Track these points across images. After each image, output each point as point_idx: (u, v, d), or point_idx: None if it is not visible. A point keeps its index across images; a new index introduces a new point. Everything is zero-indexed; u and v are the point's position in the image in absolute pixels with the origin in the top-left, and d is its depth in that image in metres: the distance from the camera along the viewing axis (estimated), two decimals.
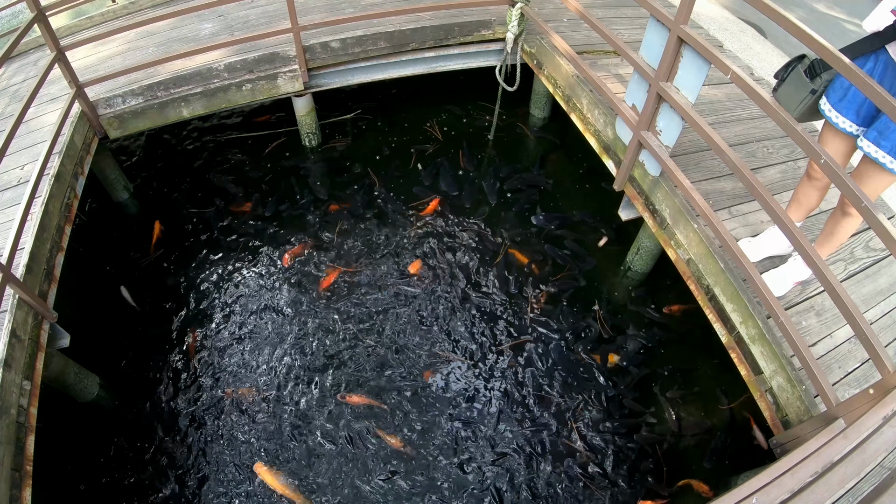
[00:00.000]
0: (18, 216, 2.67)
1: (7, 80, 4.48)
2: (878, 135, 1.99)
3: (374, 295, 3.76)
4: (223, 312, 3.73)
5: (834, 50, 1.82)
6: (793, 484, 1.61)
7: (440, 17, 4.48)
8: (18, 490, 2.29)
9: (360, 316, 3.66)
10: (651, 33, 2.67)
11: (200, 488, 2.96)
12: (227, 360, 3.48)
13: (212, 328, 3.65)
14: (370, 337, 3.54)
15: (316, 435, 3.11)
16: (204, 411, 3.25)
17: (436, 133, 5.00)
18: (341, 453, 3.04)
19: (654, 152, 2.89)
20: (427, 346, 3.51)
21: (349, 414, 3.19)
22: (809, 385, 2.29)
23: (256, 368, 3.42)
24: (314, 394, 3.29)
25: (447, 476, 2.96)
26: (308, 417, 3.19)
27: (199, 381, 3.39)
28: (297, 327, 3.62)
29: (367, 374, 3.37)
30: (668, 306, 3.65)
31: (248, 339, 3.58)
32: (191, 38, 4.50)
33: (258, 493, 2.92)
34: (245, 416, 3.21)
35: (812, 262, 2.08)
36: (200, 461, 3.06)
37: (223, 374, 3.41)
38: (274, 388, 3.32)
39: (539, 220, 4.26)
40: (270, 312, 3.71)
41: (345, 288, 3.82)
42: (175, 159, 4.86)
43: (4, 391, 2.35)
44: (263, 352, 3.50)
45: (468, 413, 3.21)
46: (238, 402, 3.27)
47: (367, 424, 3.14)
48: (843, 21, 6.19)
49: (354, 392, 3.26)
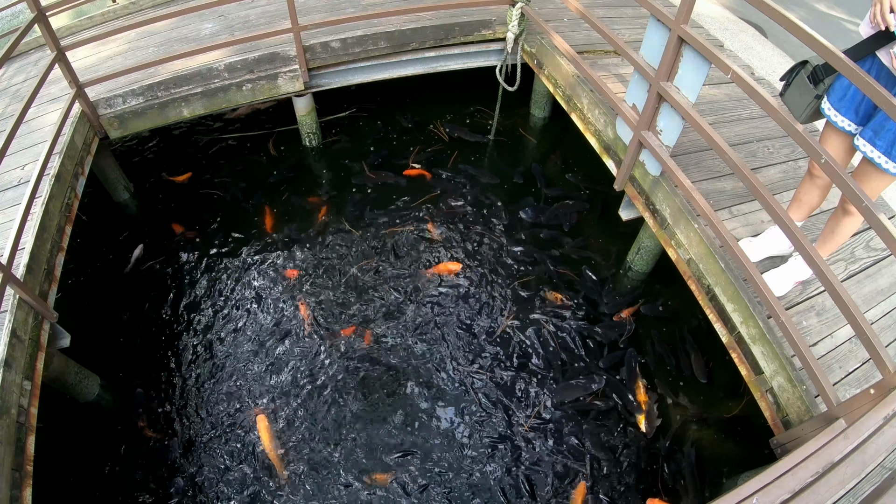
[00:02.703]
0: (19, 216, 2.67)
1: (7, 81, 4.49)
2: (874, 133, 1.99)
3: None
4: (224, 312, 3.73)
5: (834, 49, 1.82)
6: (793, 484, 1.61)
7: (440, 16, 4.48)
8: (19, 490, 2.29)
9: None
10: (651, 33, 2.67)
11: (200, 487, 2.96)
12: (227, 359, 3.48)
13: (212, 328, 3.65)
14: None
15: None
16: (204, 411, 3.25)
17: (441, 134, 5.01)
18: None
19: (654, 152, 2.89)
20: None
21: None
22: (810, 385, 2.28)
23: (258, 368, 3.42)
24: (320, 409, 3.28)
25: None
26: (316, 429, 3.20)
27: (200, 381, 3.39)
28: (299, 325, 3.62)
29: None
30: (617, 314, 3.65)
31: (249, 338, 3.58)
32: (191, 38, 4.51)
33: (258, 493, 2.93)
34: (246, 416, 3.22)
35: (813, 262, 2.07)
36: (200, 461, 3.06)
37: (224, 374, 3.41)
38: (276, 389, 3.33)
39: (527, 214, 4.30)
40: (271, 312, 3.71)
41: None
42: (175, 159, 4.86)
43: (5, 391, 2.35)
44: (265, 351, 3.50)
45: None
46: (241, 402, 3.27)
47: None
48: (844, 21, 6.19)
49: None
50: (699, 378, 3.29)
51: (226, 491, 2.94)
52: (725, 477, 2.89)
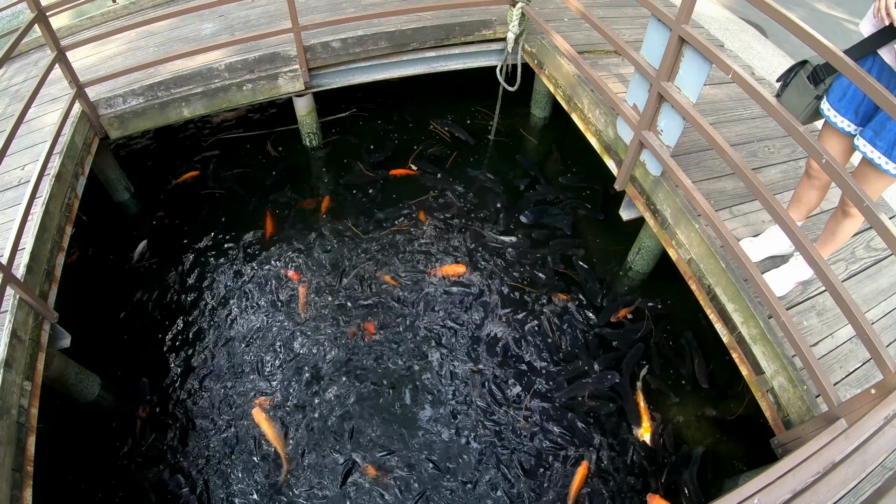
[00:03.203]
0: (19, 216, 2.67)
1: (8, 81, 4.49)
2: (874, 134, 1.99)
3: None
4: (224, 312, 3.73)
5: (834, 48, 1.82)
6: (794, 484, 1.61)
7: (441, 16, 4.48)
8: (19, 490, 2.29)
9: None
10: (652, 33, 2.67)
11: (201, 487, 2.96)
12: (227, 359, 3.48)
13: (212, 328, 3.64)
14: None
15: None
16: (205, 412, 3.25)
17: (441, 133, 5.01)
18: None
19: (655, 152, 2.89)
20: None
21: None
22: (811, 385, 2.28)
23: (261, 369, 3.42)
24: (328, 400, 3.29)
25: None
26: (320, 434, 3.20)
27: (200, 380, 3.39)
28: (301, 323, 3.62)
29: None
30: (615, 314, 3.64)
31: (249, 338, 3.58)
32: (191, 38, 4.51)
33: (259, 493, 2.93)
34: (247, 414, 3.22)
35: (813, 262, 2.07)
36: (200, 461, 3.05)
37: (225, 373, 3.41)
38: (279, 391, 3.32)
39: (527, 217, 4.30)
40: (271, 311, 3.71)
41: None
42: (175, 160, 4.86)
43: (5, 391, 2.35)
44: (267, 351, 3.50)
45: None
46: (242, 402, 3.27)
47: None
48: (844, 21, 6.19)
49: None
50: (701, 383, 3.28)
51: (226, 487, 2.94)
52: (726, 477, 2.89)
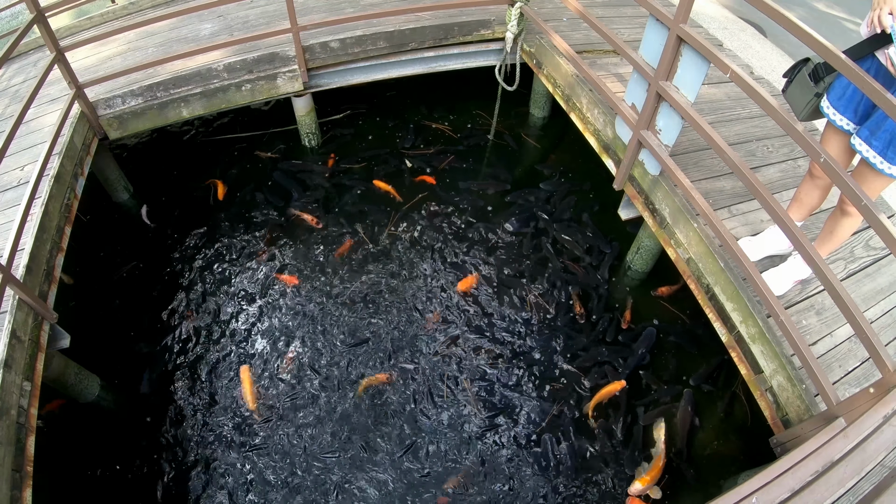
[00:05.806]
0: (18, 217, 2.67)
1: (7, 81, 4.49)
2: (870, 133, 1.99)
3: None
4: (225, 310, 3.73)
5: (832, 47, 1.82)
6: (793, 483, 1.61)
7: (440, 16, 4.48)
8: (19, 491, 2.29)
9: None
10: (650, 32, 2.67)
11: (200, 487, 2.96)
12: (228, 358, 3.48)
13: (213, 327, 3.65)
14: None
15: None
16: (206, 411, 3.25)
17: (444, 130, 5.02)
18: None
19: (653, 151, 2.89)
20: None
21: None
22: (810, 384, 2.29)
23: (262, 368, 3.43)
24: (332, 399, 3.29)
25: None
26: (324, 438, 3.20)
27: (200, 380, 3.39)
28: (301, 321, 3.62)
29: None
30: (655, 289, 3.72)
31: (249, 338, 3.58)
32: (190, 39, 4.51)
33: (261, 493, 2.93)
34: (247, 416, 3.22)
35: (812, 261, 2.08)
36: (200, 461, 3.06)
37: (225, 373, 3.41)
38: (281, 392, 3.33)
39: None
40: (271, 311, 3.71)
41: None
42: (175, 159, 4.86)
43: (5, 392, 2.35)
44: (268, 351, 3.50)
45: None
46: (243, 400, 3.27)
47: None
48: (844, 20, 6.19)
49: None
50: (700, 385, 3.28)
51: (225, 487, 2.95)
52: (725, 476, 2.89)
